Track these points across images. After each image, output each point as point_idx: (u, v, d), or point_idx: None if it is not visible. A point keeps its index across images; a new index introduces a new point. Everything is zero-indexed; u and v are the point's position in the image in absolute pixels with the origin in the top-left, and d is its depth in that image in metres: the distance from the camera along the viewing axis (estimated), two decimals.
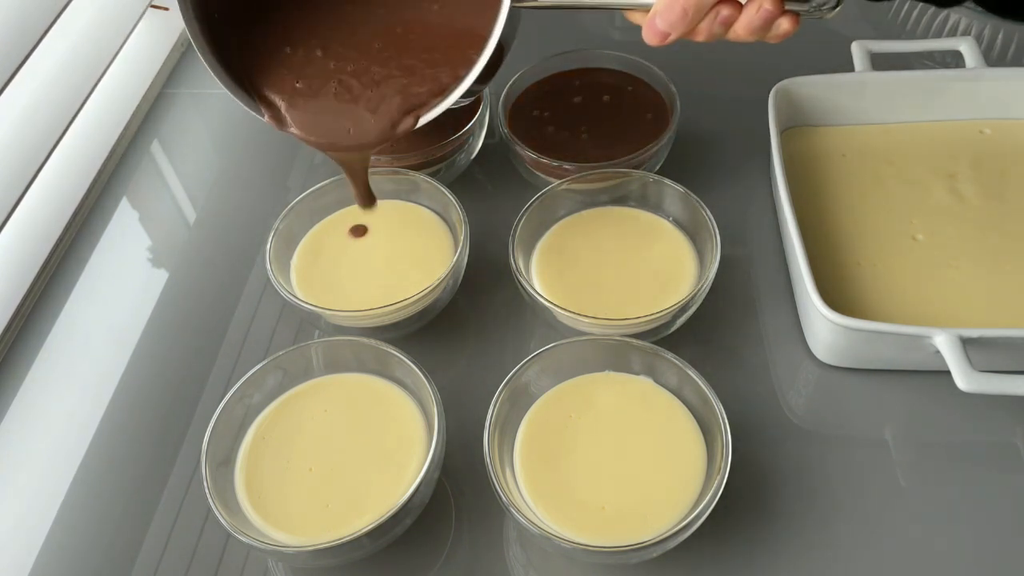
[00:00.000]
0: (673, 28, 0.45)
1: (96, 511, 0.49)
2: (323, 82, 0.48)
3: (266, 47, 0.49)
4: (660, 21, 0.45)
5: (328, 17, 0.50)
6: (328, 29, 0.49)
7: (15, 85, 0.55)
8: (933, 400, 0.50)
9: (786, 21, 0.45)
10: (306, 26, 0.49)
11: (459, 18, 0.48)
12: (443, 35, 0.48)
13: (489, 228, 0.58)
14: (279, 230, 0.54)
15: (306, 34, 0.49)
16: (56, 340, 0.57)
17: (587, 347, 0.48)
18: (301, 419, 0.47)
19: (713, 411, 0.44)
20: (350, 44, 0.49)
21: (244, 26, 0.49)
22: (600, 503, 0.43)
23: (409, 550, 0.46)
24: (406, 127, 0.48)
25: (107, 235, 0.63)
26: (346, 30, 0.49)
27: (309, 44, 0.49)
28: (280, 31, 0.49)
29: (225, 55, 0.48)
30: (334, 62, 0.49)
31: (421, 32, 0.49)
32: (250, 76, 0.49)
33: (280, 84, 0.49)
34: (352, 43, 0.49)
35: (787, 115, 0.60)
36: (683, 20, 0.44)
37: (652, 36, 0.45)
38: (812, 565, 0.44)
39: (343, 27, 0.49)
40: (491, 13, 0.45)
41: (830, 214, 0.57)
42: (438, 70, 0.48)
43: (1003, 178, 0.58)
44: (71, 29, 0.66)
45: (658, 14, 0.44)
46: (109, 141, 0.67)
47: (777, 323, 0.54)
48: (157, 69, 0.73)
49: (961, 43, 0.63)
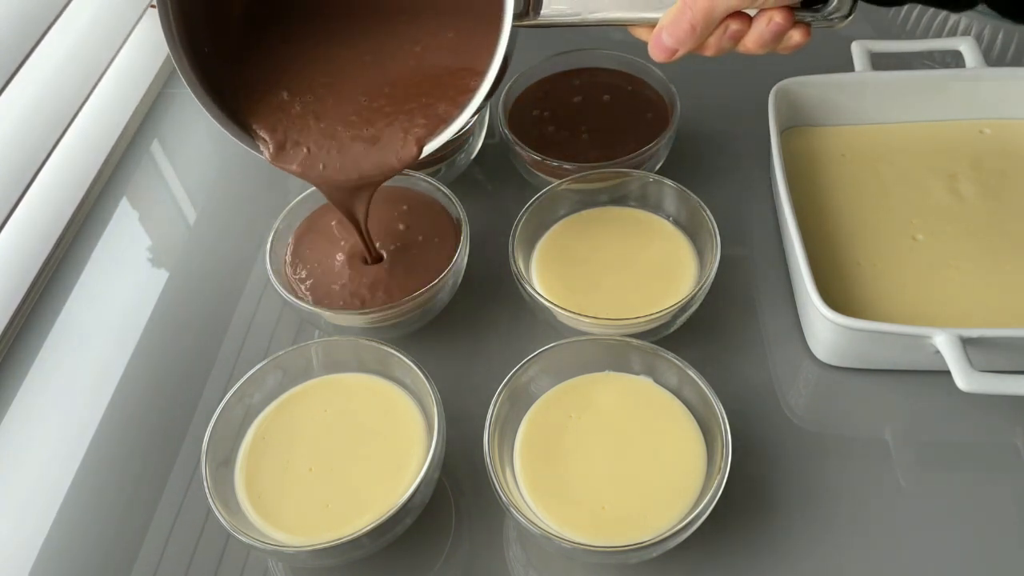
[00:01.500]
0: (681, 44, 0.43)
1: (96, 511, 0.49)
2: (319, 121, 0.47)
3: (257, 85, 0.48)
4: (667, 37, 0.43)
5: (321, 58, 0.49)
6: (322, 71, 0.49)
7: (16, 85, 0.55)
8: (933, 400, 0.50)
9: (797, 33, 0.43)
10: (299, 70, 0.48)
11: (464, 42, 0.48)
12: (444, 68, 0.48)
13: (489, 228, 0.58)
14: (279, 230, 0.54)
15: (299, 78, 0.48)
16: (56, 340, 0.57)
17: (587, 347, 0.48)
18: (301, 419, 0.47)
19: (713, 411, 0.44)
20: (344, 88, 0.48)
21: (235, 62, 0.48)
22: (600, 503, 0.43)
23: (409, 550, 0.46)
24: (410, 156, 0.46)
25: (107, 235, 0.63)
26: (340, 73, 0.48)
27: (301, 88, 0.48)
28: (272, 70, 0.48)
29: (217, 89, 0.47)
30: (329, 102, 0.48)
31: (417, 70, 0.48)
32: (242, 112, 0.47)
33: (274, 122, 0.47)
34: (345, 87, 0.48)
35: (787, 115, 0.60)
36: (691, 35, 0.43)
37: (659, 52, 0.44)
38: (812, 565, 0.44)
39: (337, 69, 0.48)
40: (493, 37, 0.44)
41: (830, 214, 0.57)
42: (438, 103, 0.47)
43: (1003, 178, 0.58)
44: (71, 29, 0.66)
45: (664, 29, 0.43)
46: (109, 141, 0.67)
47: (777, 323, 0.54)
48: (157, 69, 0.73)
49: (961, 43, 0.63)
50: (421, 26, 0.49)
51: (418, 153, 0.46)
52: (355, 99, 0.48)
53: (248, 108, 0.47)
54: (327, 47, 0.49)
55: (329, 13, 0.49)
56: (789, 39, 0.44)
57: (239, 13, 0.49)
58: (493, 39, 0.44)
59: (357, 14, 0.49)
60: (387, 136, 0.47)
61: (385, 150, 0.47)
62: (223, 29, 0.48)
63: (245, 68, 0.48)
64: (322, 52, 0.49)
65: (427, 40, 0.49)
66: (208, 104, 0.46)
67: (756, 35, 0.43)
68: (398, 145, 0.46)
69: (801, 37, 0.44)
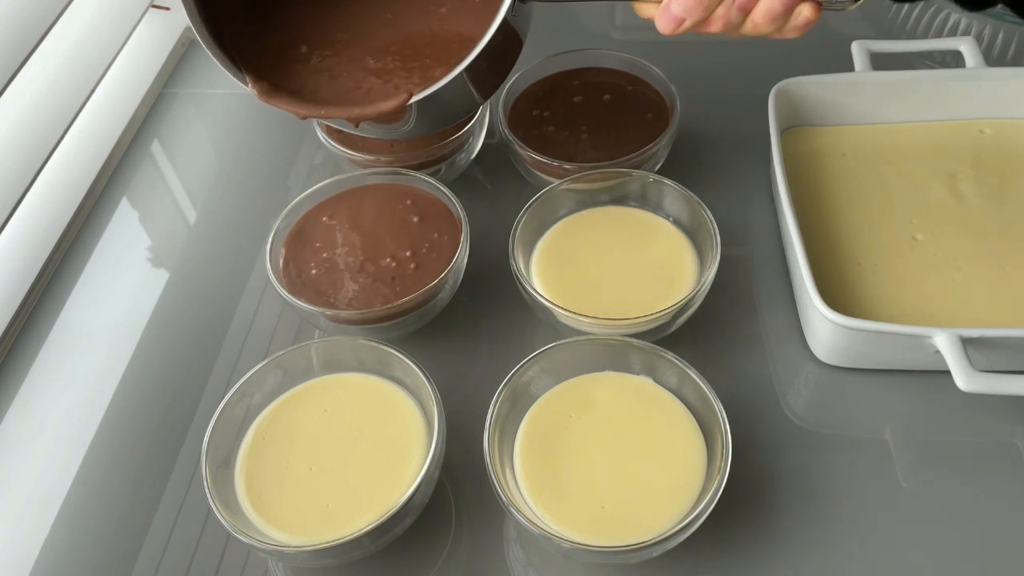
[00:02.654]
0: (689, 13, 0.43)
1: (96, 511, 0.49)
2: (327, 71, 0.48)
3: (268, 35, 0.49)
4: (676, 6, 0.43)
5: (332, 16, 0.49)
6: (333, 26, 0.49)
7: (16, 85, 0.55)
8: (933, 400, 0.50)
9: (807, 8, 0.43)
10: (310, 23, 0.49)
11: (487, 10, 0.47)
12: (458, 33, 0.48)
13: (489, 228, 0.58)
14: (279, 230, 0.54)
15: (311, 31, 0.49)
16: (56, 340, 0.57)
17: (587, 347, 0.48)
18: (301, 419, 0.47)
19: (713, 411, 0.44)
20: (360, 43, 0.49)
21: (243, 14, 0.49)
22: (600, 503, 0.43)
23: (409, 550, 0.46)
24: (398, 103, 0.45)
25: (107, 235, 0.63)
26: (358, 30, 0.49)
27: (311, 40, 0.49)
28: (282, 21, 0.49)
29: (221, 38, 0.48)
30: (337, 52, 0.48)
31: (424, 31, 0.49)
32: (242, 51, 0.48)
33: (278, 57, 0.48)
34: (361, 41, 0.49)
35: (787, 115, 0.60)
36: (699, 5, 0.42)
37: (666, 23, 0.44)
38: (812, 565, 0.44)
39: (346, 24, 0.49)
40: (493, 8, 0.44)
41: (830, 214, 0.57)
42: (437, 66, 0.47)
43: (1003, 178, 0.58)
44: (71, 29, 0.66)
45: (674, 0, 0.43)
46: (109, 141, 0.67)
47: (777, 323, 0.54)
48: (157, 69, 0.73)
49: (961, 43, 0.63)
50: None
51: (405, 100, 0.46)
52: (370, 52, 0.48)
53: (264, 57, 0.48)
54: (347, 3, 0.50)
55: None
56: (798, 15, 0.43)
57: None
58: (496, 8, 0.43)
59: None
60: (387, 88, 0.47)
61: (375, 96, 0.47)
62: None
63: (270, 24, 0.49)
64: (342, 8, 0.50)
65: (453, 3, 0.49)
66: (211, 45, 0.47)
67: (765, 7, 0.42)
68: (388, 94, 0.46)
69: (811, 13, 0.43)
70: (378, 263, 0.53)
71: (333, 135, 0.61)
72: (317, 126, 0.61)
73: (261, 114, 0.72)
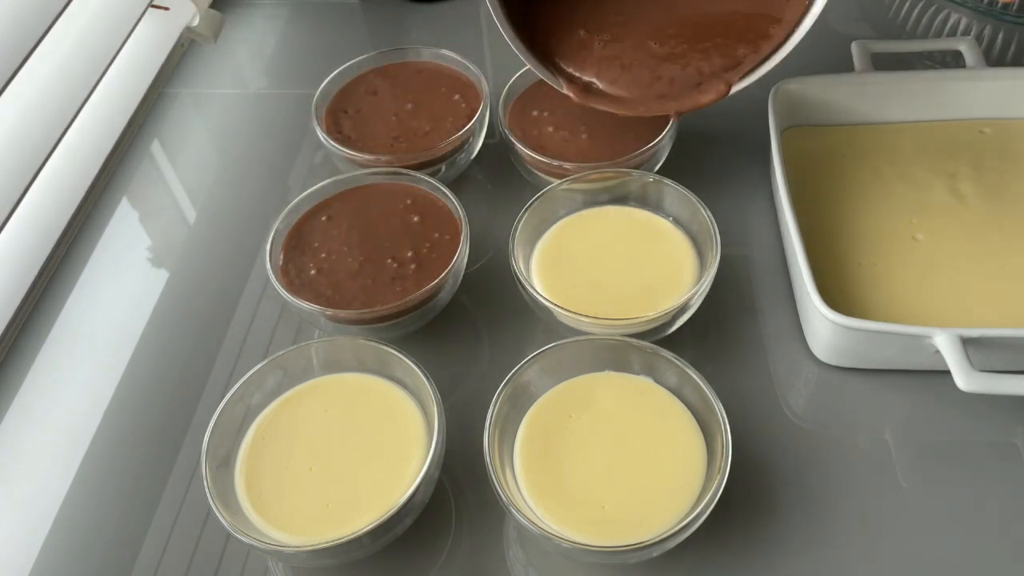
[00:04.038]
0: None
1: (96, 511, 0.49)
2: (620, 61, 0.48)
3: (558, 27, 0.49)
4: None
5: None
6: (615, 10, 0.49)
7: (15, 85, 0.55)
8: (933, 400, 0.50)
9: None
10: (578, 4, 0.49)
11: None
12: (739, 12, 0.48)
13: (489, 228, 0.59)
14: (279, 230, 0.54)
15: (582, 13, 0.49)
16: (56, 340, 0.57)
17: (587, 347, 0.48)
18: (301, 419, 0.47)
19: (713, 411, 0.44)
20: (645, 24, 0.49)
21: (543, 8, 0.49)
22: (600, 503, 0.43)
23: (409, 550, 0.46)
24: (718, 94, 0.46)
25: (107, 235, 0.63)
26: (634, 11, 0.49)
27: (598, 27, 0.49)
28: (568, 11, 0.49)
29: (525, 33, 0.48)
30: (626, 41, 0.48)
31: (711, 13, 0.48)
32: (550, 53, 0.49)
33: (580, 62, 0.48)
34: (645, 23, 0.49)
35: (787, 115, 0.60)
36: None
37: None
38: (812, 565, 0.44)
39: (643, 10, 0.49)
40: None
41: (830, 214, 0.57)
42: (736, 44, 0.47)
43: (1003, 178, 0.58)
44: (71, 29, 0.66)
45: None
46: (109, 141, 0.67)
47: (777, 323, 0.54)
48: (157, 69, 0.73)
49: (961, 43, 0.63)
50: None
51: (725, 92, 0.46)
52: (650, 35, 0.48)
53: (553, 49, 0.49)
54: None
55: None
56: None
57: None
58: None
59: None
60: (689, 74, 0.47)
61: (684, 85, 0.46)
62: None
63: (547, 11, 0.49)
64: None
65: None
66: (520, 47, 0.48)
67: None
68: (697, 81, 0.46)
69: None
70: (378, 263, 0.53)
71: (333, 135, 0.61)
72: (317, 126, 0.61)
73: (261, 114, 0.72)
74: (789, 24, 0.44)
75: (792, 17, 0.44)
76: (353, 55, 0.65)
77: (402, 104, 0.63)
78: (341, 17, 0.80)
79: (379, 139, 0.61)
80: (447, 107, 0.62)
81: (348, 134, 0.61)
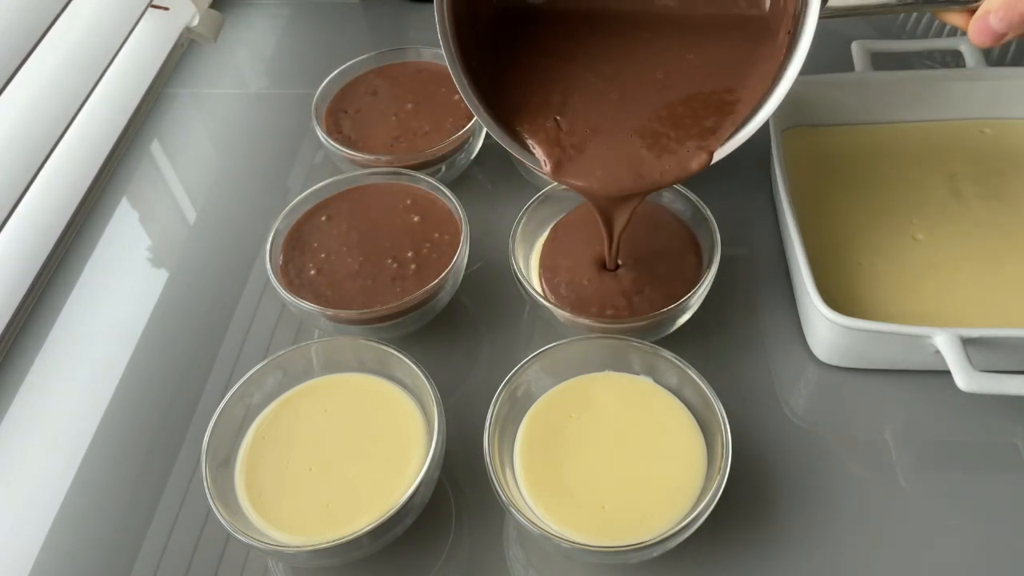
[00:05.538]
0: (1013, 28, 0.41)
1: (96, 511, 0.49)
2: (595, 133, 0.45)
3: (529, 99, 0.47)
4: (996, 21, 0.42)
5: (586, 65, 0.47)
6: (589, 79, 0.47)
7: (15, 85, 0.55)
8: (933, 400, 0.50)
9: None
10: (567, 79, 0.47)
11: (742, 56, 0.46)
12: (712, 80, 0.46)
13: (489, 228, 0.58)
14: (279, 230, 0.54)
15: (567, 87, 0.47)
16: (56, 340, 0.57)
17: (587, 347, 0.48)
18: (301, 419, 0.47)
19: (713, 411, 0.44)
20: (615, 96, 0.46)
21: (504, 75, 0.47)
22: (600, 503, 0.43)
23: (409, 550, 0.46)
24: (700, 164, 0.44)
25: (107, 235, 0.63)
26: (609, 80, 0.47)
27: (572, 96, 0.46)
28: (541, 82, 0.47)
29: (490, 99, 0.46)
30: (602, 112, 0.46)
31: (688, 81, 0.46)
32: (517, 124, 0.46)
33: (549, 136, 0.46)
34: (616, 95, 0.46)
35: (787, 115, 0.60)
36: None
37: (983, 37, 0.42)
38: (812, 565, 0.44)
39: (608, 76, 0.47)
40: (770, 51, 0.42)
41: (830, 214, 0.57)
42: (708, 115, 0.45)
43: (1003, 178, 0.58)
44: (71, 29, 0.66)
45: (993, 13, 0.42)
46: (109, 141, 0.67)
47: (777, 323, 0.54)
48: (157, 69, 0.73)
49: (961, 43, 0.63)
50: (696, 34, 0.47)
51: (707, 161, 0.45)
52: (635, 106, 0.46)
53: (520, 122, 0.46)
54: (592, 50, 0.47)
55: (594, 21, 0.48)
56: None
57: (501, 32, 0.48)
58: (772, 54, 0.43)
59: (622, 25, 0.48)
60: (669, 146, 0.45)
61: (670, 159, 0.45)
62: (490, 43, 0.47)
63: (514, 82, 0.47)
64: (588, 59, 0.47)
65: (703, 47, 0.47)
66: (485, 118, 0.45)
67: None
68: (685, 155, 0.45)
69: None
70: (378, 263, 0.53)
71: (333, 135, 0.61)
72: (317, 126, 0.61)
73: (261, 114, 0.72)
74: (757, 94, 0.44)
75: (760, 84, 0.44)
76: (353, 55, 0.65)
77: (402, 104, 0.63)
78: (341, 17, 0.80)
79: (379, 139, 0.61)
80: (447, 107, 0.62)
81: (348, 134, 0.61)
